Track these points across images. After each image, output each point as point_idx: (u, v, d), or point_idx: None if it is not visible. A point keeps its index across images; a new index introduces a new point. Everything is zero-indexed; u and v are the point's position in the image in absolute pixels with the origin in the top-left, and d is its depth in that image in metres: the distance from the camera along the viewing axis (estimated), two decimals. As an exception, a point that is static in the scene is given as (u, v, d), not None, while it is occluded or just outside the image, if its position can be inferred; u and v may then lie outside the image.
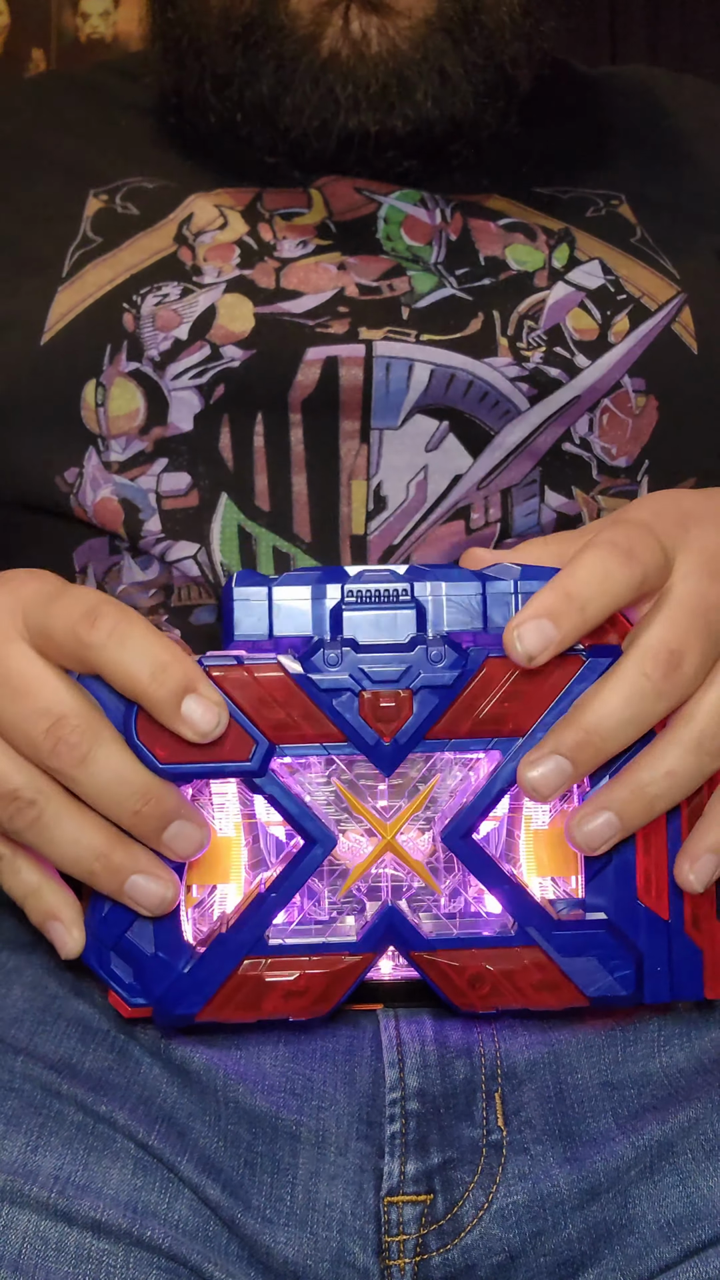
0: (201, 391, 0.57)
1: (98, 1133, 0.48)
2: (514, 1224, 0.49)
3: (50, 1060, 0.49)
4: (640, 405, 0.58)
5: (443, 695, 0.46)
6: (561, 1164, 0.49)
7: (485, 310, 0.59)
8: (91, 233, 0.63)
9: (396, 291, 0.59)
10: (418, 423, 0.57)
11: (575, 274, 0.61)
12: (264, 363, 0.57)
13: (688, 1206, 0.46)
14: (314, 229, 0.62)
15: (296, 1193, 0.49)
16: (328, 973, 0.47)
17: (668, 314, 0.60)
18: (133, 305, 0.59)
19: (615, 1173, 0.49)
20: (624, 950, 0.47)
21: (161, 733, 0.45)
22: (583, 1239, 0.48)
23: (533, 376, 0.57)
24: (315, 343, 0.57)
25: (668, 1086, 0.50)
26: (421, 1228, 0.49)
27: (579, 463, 0.58)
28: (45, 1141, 0.47)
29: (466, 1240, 0.49)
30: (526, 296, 0.59)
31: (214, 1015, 0.47)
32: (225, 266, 0.60)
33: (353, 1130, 0.51)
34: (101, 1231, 0.45)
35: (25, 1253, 0.44)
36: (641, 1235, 0.47)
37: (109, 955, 0.47)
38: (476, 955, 0.47)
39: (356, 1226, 0.49)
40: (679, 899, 0.48)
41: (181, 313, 0.58)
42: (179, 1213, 0.47)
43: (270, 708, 0.46)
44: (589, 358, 0.58)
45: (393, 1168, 0.50)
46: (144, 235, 0.62)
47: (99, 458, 0.58)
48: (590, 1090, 0.51)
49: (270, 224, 0.62)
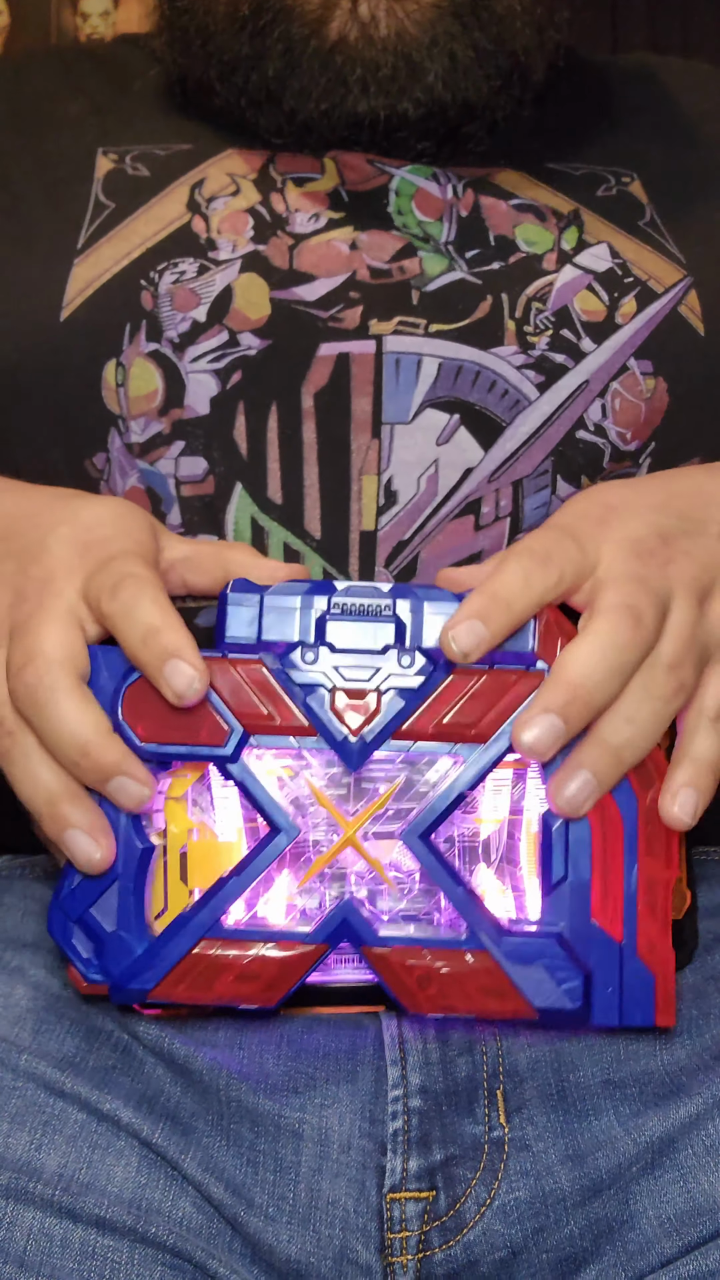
0: (219, 376, 0.57)
1: (101, 1131, 0.48)
2: (516, 1220, 0.49)
3: (54, 1059, 0.50)
4: (650, 388, 0.59)
5: (410, 698, 0.48)
6: (563, 1161, 0.50)
7: (494, 294, 0.59)
8: (104, 196, 0.63)
9: (407, 274, 0.59)
10: (429, 416, 0.57)
11: (583, 257, 0.61)
12: (279, 354, 0.57)
13: (688, 1202, 0.46)
14: (326, 197, 0.62)
15: (299, 1190, 0.49)
16: (280, 959, 0.48)
17: (674, 296, 0.61)
18: (150, 283, 0.59)
19: (617, 1169, 0.49)
20: (573, 963, 0.48)
21: (144, 714, 0.47)
22: (584, 1235, 0.48)
23: (538, 364, 0.57)
24: (328, 338, 0.57)
25: (669, 1084, 0.50)
26: (424, 1224, 0.50)
27: (593, 450, 0.58)
28: (49, 1139, 0.47)
29: (469, 1237, 0.49)
30: (534, 280, 0.60)
31: (167, 994, 0.48)
32: (239, 240, 0.60)
33: (355, 1128, 0.51)
34: (106, 1228, 0.45)
35: (30, 1249, 0.44)
36: (642, 1231, 0.47)
37: (72, 929, 0.49)
38: (427, 955, 0.48)
39: (359, 1224, 0.49)
40: (633, 922, 0.48)
41: (199, 292, 0.58)
42: (183, 1210, 0.47)
43: (247, 697, 0.48)
44: (595, 340, 0.58)
45: (395, 1165, 0.50)
46: (157, 201, 0.62)
47: (121, 440, 0.58)
48: (592, 1088, 0.51)
49: (283, 192, 0.62)
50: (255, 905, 0.50)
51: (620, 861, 0.48)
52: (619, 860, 0.48)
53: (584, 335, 0.58)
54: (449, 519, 0.57)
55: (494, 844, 0.51)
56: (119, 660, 0.48)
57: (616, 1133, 0.49)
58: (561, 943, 0.48)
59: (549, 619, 0.50)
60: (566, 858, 0.49)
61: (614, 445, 0.58)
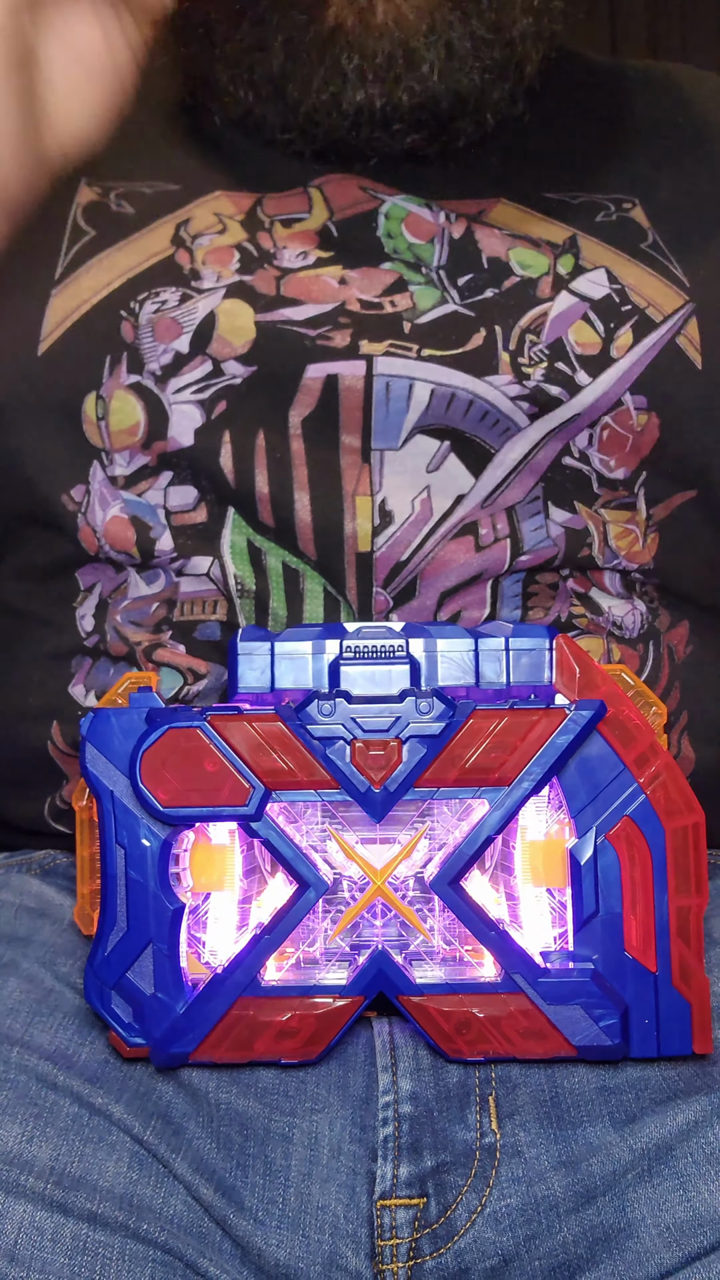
0: (203, 406, 0.56)
1: (93, 1125, 0.47)
2: (508, 1227, 0.49)
3: (46, 1052, 0.49)
4: (641, 423, 0.58)
5: (430, 745, 0.48)
6: (556, 1167, 0.49)
7: (487, 325, 0.58)
8: (84, 223, 0.62)
9: (399, 308, 0.58)
10: (418, 443, 0.56)
11: (580, 283, 0.60)
12: (265, 379, 0.56)
13: (689, 1211, 0.46)
14: (315, 236, 0.61)
15: (289, 1195, 0.49)
16: (319, 1015, 0.49)
17: (672, 327, 0.60)
18: (131, 313, 0.58)
19: (612, 1176, 0.48)
20: (609, 1000, 0.48)
21: (164, 778, 0.48)
22: (579, 1243, 0.48)
23: (533, 395, 0.57)
24: (316, 358, 0.56)
25: (665, 1090, 0.50)
26: (414, 1231, 0.49)
27: (579, 476, 0.58)
28: (41, 1132, 0.46)
29: (460, 1244, 0.49)
30: (529, 309, 0.59)
31: (208, 1055, 0.49)
32: (224, 271, 0.59)
33: (346, 1133, 0.50)
34: (98, 1223, 0.45)
35: (21, 1243, 0.44)
36: (640, 1240, 0.46)
37: (110, 995, 0.49)
38: (464, 1001, 0.49)
39: (349, 1230, 0.49)
40: (667, 952, 0.49)
41: (181, 321, 0.57)
42: (174, 1208, 0.47)
43: (267, 755, 0.48)
44: (590, 374, 0.58)
45: (385, 1171, 0.50)
46: (140, 236, 0.61)
47: (104, 472, 0.57)
48: (586, 1094, 0.50)
49: (270, 232, 0.61)
50: (290, 960, 0.50)
51: (651, 891, 0.49)
52: (649, 890, 0.49)
53: (579, 368, 0.58)
54: (448, 539, 0.56)
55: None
56: (134, 721, 0.49)
57: (611, 1139, 0.49)
58: (596, 979, 0.49)
59: (563, 648, 0.50)
60: (597, 891, 0.49)
61: (599, 472, 0.58)
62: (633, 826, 0.49)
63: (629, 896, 0.49)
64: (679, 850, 0.49)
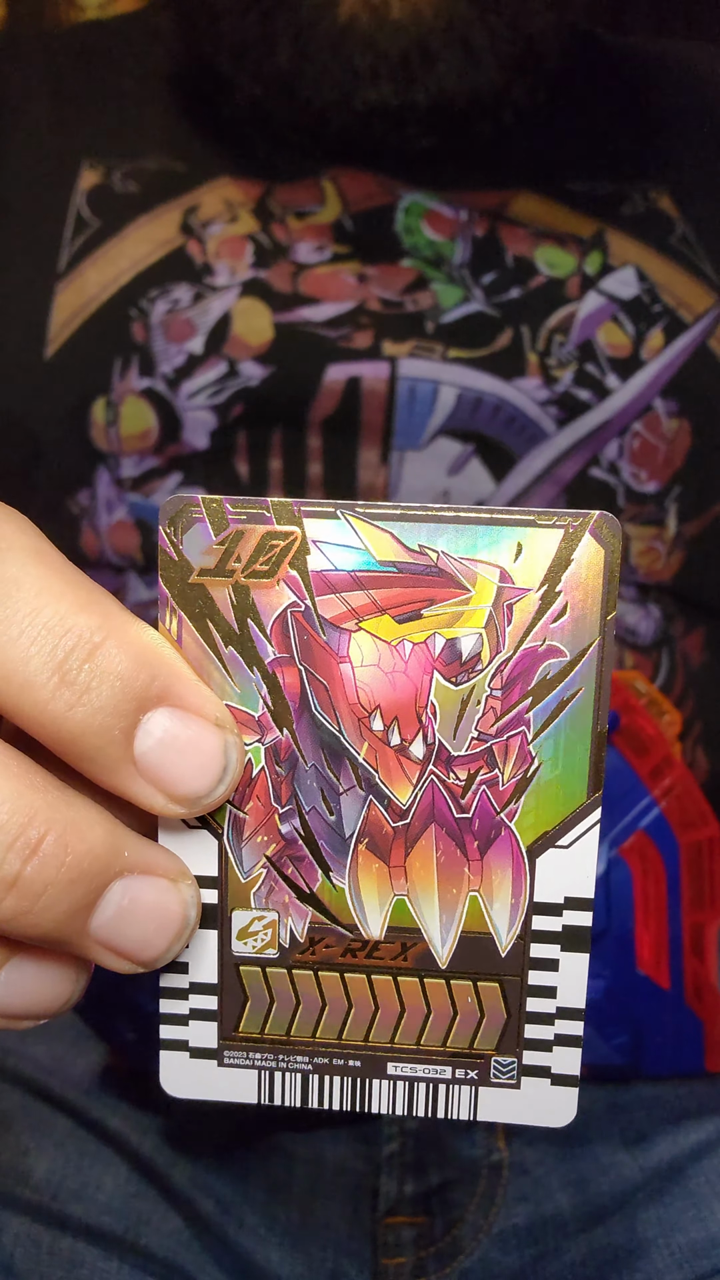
0: (218, 411, 0.55)
1: (90, 1138, 0.47)
2: (514, 1247, 0.48)
3: (42, 1063, 0.48)
4: (673, 429, 0.57)
5: None
6: (564, 1186, 0.48)
7: (514, 326, 0.57)
8: (88, 212, 0.60)
9: (420, 306, 0.57)
10: (441, 445, 0.55)
11: (608, 282, 0.59)
12: (283, 381, 0.55)
13: (702, 1231, 0.45)
14: (330, 230, 0.59)
15: (291, 1211, 0.48)
16: None
17: (704, 328, 0.58)
18: (141, 313, 0.57)
19: (622, 1195, 0.47)
20: (620, 1019, 0.47)
21: None
22: (587, 1263, 0.47)
23: (562, 400, 0.56)
24: (337, 359, 0.55)
25: (677, 1109, 0.49)
26: (419, 1250, 0.48)
27: (605, 490, 0.56)
28: (38, 1144, 0.46)
29: (465, 1264, 0.48)
30: (556, 309, 0.57)
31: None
32: (239, 265, 0.57)
33: (349, 1149, 0.49)
34: (95, 1237, 0.44)
35: (18, 1255, 0.43)
36: (652, 1261, 0.45)
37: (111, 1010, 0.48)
38: None
39: (352, 1247, 0.48)
40: (680, 969, 0.48)
41: (194, 321, 0.56)
42: (173, 1223, 0.46)
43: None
44: (620, 377, 0.56)
45: (390, 1188, 0.49)
46: (146, 220, 0.59)
47: (110, 476, 0.56)
48: (596, 1112, 0.49)
49: (284, 223, 0.59)
50: None
51: (664, 907, 0.48)
52: (662, 906, 0.48)
53: (609, 371, 0.56)
54: None
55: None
56: None
57: (621, 1158, 0.48)
58: (608, 996, 0.47)
59: None
60: (608, 909, 0.48)
61: (627, 485, 0.57)
62: (646, 840, 0.48)
63: (641, 912, 0.48)
64: (693, 864, 0.48)
